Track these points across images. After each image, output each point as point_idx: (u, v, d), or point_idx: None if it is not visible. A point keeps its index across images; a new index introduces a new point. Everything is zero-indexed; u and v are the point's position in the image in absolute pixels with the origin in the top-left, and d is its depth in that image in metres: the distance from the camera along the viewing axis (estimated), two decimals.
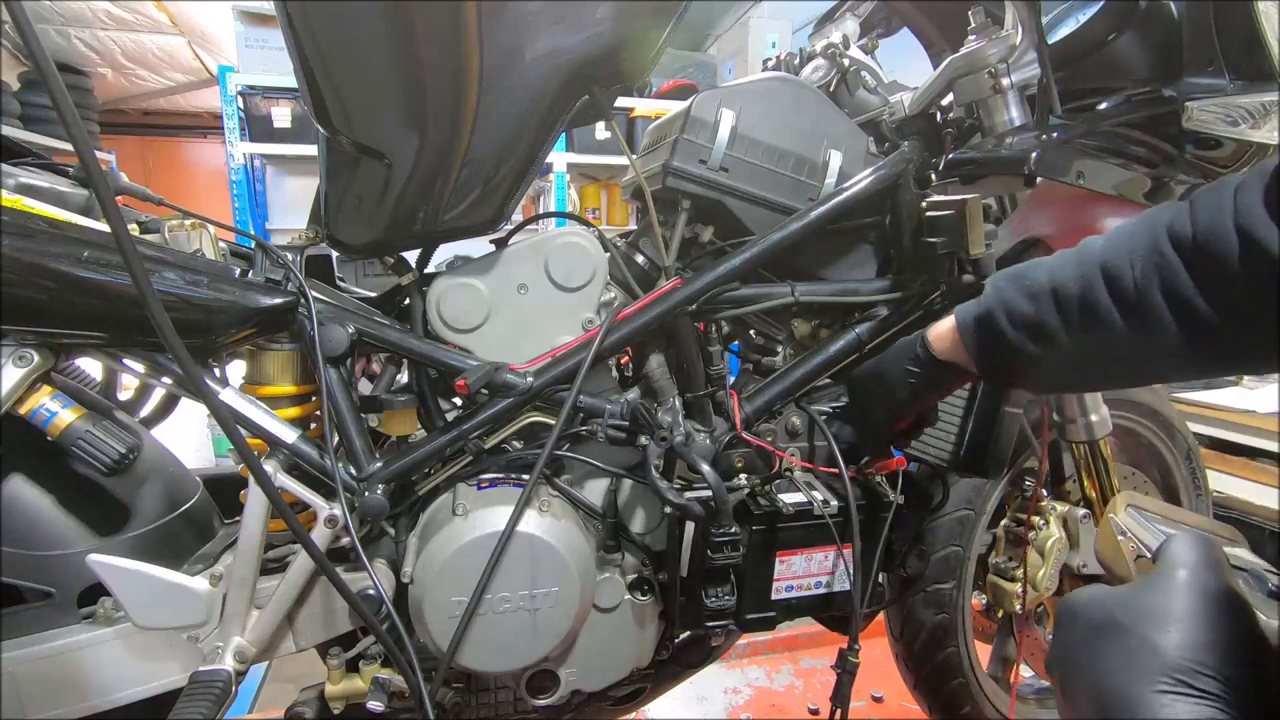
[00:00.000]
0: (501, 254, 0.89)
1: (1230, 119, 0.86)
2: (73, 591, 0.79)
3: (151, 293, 0.58)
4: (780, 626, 0.92)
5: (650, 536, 0.95)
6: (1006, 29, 0.90)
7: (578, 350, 0.86)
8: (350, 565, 0.85)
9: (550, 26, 0.73)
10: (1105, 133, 0.88)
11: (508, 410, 0.85)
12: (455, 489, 0.88)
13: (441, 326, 0.88)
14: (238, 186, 3.25)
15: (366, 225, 0.85)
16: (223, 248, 0.85)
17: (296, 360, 0.86)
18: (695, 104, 0.92)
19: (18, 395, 0.72)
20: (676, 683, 1.05)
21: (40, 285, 0.68)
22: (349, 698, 0.87)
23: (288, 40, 0.72)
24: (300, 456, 0.81)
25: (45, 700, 0.77)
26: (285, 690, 1.56)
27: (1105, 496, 1.09)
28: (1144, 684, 0.44)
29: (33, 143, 3.29)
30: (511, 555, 0.81)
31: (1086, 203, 0.91)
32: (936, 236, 0.93)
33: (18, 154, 0.84)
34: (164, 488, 0.87)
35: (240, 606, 0.80)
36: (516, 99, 0.76)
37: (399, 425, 0.92)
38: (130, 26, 4.21)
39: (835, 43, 1.16)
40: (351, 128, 0.77)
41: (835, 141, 0.95)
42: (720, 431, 0.90)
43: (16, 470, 0.77)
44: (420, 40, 0.71)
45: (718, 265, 0.90)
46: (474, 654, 0.82)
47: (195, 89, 5.53)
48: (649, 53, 0.79)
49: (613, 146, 3.57)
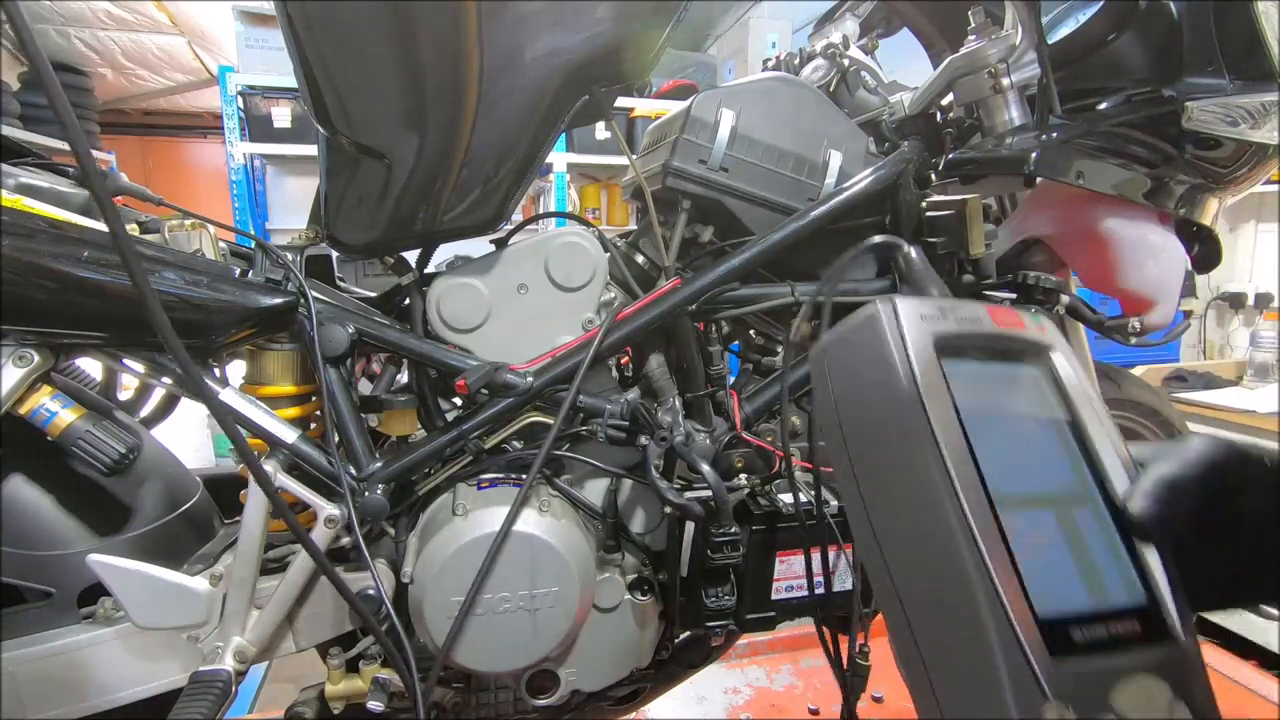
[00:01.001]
0: (501, 254, 0.89)
1: (1230, 119, 0.86)
2: (73, 591, 0.79)
3: (151, 292, 0.58)
4: (780, 626, 0.92)
5: (650, 536, 0.95)
6: (1006, 29, 0.90)
7: (577, 350, 0.86)
8: (350, 565, 0.85)
9: (550, 26, 0.73)
10: (1105, 133, 0.88)
11: (508, 410, 0.85)
12: (455, 489, 0.88)
13: (441, 326, 0.88)
14: (238, 186, 3.25)
15: (366, 225, 0.85)
16: (223, 248, 0.85)
17: (296, 360, 0.86)
18: (695, 104, 0.92)
19: (18, 395, 0.72)
20: (676, 683, 1.05)
21: (40, 285, 0.68)
22: (349, 698, 0.87)
23: (288, 40, 0.72)
24: (300, 456, 0.81)
25: (45, 700, 0.77)
26: (285, 690, 1.56)
27: None
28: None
29: (33, 143, 3.29)
30: (511, 555, 0.81)
31: (1086, 203, 0.91)
32: (936, 236, 0.93)
33: (18, 154, 0.84)
34: (164, 488, 0.87)
35: (240, 606, 0.80)
36: (516, 99, 0.76)
37: (399, 425, 0.92)
38: (130, 26, 4.21)
39: (835, 43, 1.16)
40: (351, 128, 0.77)
41: (835, 141, 0.95)
42: (720, 431, 0.90)
43: (16, 470, 0.78)
44: (420, 40, 0.71)
45: (718, 265, 0.90)
46: (474, 654, 0.82)
47: (195, 89, 5.53)
48: (649, 53, 0.79)
49: (613, 146, 3.58)
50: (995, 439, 0.36)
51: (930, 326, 0.38)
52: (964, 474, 0.34)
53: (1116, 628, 0.34)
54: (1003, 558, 0.33)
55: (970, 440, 0.35)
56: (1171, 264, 0.93)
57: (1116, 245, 0.91)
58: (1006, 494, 0.35)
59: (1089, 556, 0.36)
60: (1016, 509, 0.35)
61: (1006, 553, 0.33)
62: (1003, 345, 0.41)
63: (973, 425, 0.36)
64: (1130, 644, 0.34)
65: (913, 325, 0.37)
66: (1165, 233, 0.93)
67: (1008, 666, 0.31)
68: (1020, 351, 0.41)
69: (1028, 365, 0.41)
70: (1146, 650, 0.34)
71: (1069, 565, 0.35)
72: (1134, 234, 0.91)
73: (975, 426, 0.36)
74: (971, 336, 0.39)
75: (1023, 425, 0.40)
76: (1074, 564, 0.35)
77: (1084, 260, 0.96)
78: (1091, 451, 0.39)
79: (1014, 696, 0.31)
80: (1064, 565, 0.35)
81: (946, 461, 0.34)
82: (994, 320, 0.40)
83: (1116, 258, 0.92)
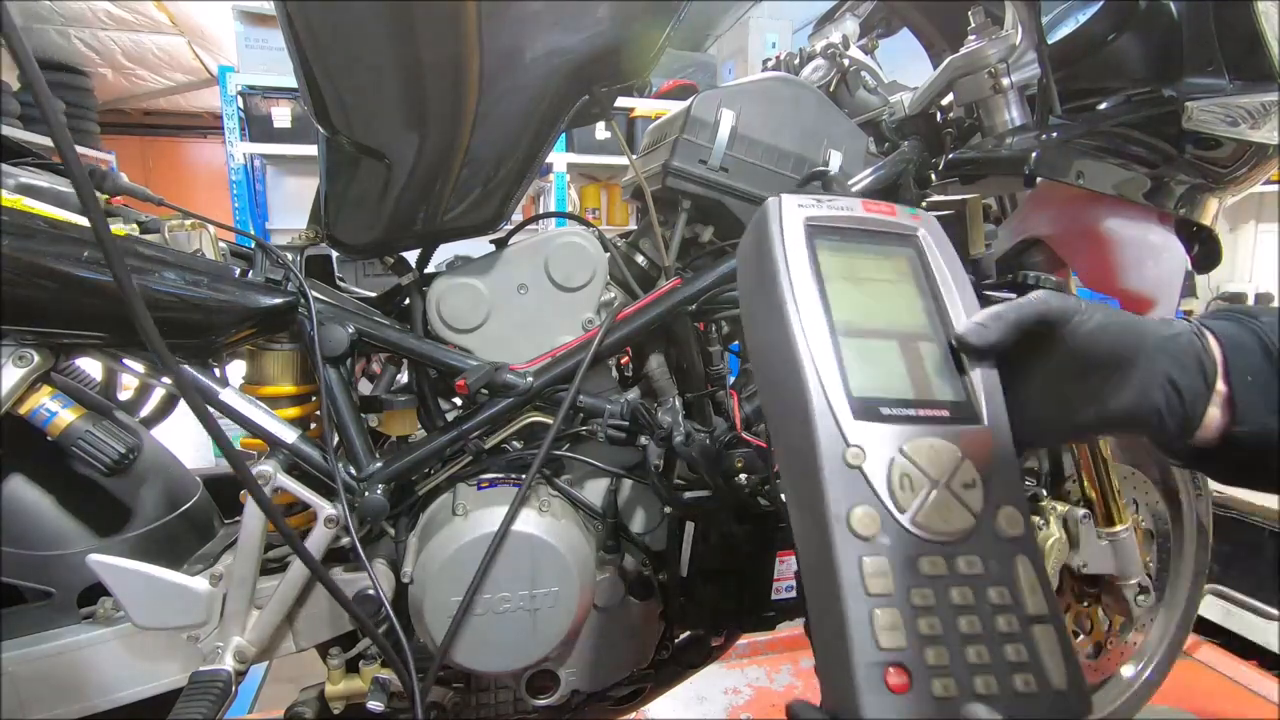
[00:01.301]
0: (501, 254, 0.89)
1: (1230, 119, 0.86)
2: (73, 591, 0.79)
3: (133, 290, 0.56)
4: (780, 626, 0.92)
5: (650, 536, 0.95)
6: (1006, 29, 0.90)
7: (577, 350, 0.86)
8: (351, 565, 0.85)
9: (550, 26, 0.73)
10: (1105, 133, 0.88)
11: (508, 410, 0.85)
12: (455, 489, 0.88)
13: (441, 326, 0.88)
14: (238, 186, 3.25)
15: (366, 225, 0.85)
16: (223, 248, 0.85)
17: (296, 360, 0.86)
18: (695, 104, 0.92)
19: (18, 395, 0.72)
20: (676, 683, 1.05)
21: (40, 285, 0.68)
22: (349, 698, 0.87)
23: (288, 40, 0.72)
24: (300, 456, 0.81)
25: (45, 700, 0.77)
26: (285, 690, 1.56)
27: (1105, 496, 1.09)
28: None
29: (32, 143, 3.29)
30: (511, 555, 0.81)
31: (1086, 203, 0.91)
32: None
33: (18, 154, 0.84)
34: (164, 488, 0.87)
35: (240, 606, 0.80)
36: (516, 99, 0.76)
37: (399, 425, 0.92)
38: (130, 26, 4.21)
39: (835, 43, 1.16)
40: (351, 128, 0.77)
41: (835, 141, 0.95)
42: (720, 431, 0.90)
43: (16, 470, 0.77)
44: (420, 40, 0.71)
45: (718, 265, 0.90)
46: (474, 654, 0.82)
47: (195, 89, 5.53)
48: (649, 53, 0.80)
49: (613, 146, 3.58)
50: (849, 292, 0.47)
51: (805, 212, 0.48)
52: (810, 311, 0.45)
53: (924, 411, 0.44)
54: (830, 359, 0.44)
55: (825, 291, 0.46)
56: (1171, 264, 0.93)
57: (1116, 245, 0.91)
58: (849, 326, 0.45)
59: (922, 371, 0.46)
60: (856, 337, 0.45)
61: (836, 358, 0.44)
62: (873, 228, 0.50)
63: (831, 281, 0.47)
64: (935, 422, 0.44)
65: (791, 211, 0.48)
66: (1165, 233, 0.93)
67: (820, 424, 0.42)
68: (891, 234, 0.50)
69: (897, 244, 0.50)
70: (946, 426, 0.44)
71: (900, 374, 0.45)
72: (1134, 234, 0.91)
73: (833, 283, 0.47)
74: (842, 219, 0.49)
75: (881, 285, 0.49)
76: (906, 374, 0.45)
77: (1084, 260, 0.96)
78: (941, 305, 0.48)
79: (823, 444, 0.41)
80: (893, 373, 0.45)
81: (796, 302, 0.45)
82: (865, 210, 0.50)
83: (1116, 258, 0.92)
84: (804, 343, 0.44)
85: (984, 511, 0.42)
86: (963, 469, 0.42)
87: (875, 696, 0.37)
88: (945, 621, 0.39)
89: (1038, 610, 0.40)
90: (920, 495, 0.41)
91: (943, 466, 0.42)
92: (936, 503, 0.41)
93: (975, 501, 0.42)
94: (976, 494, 0.42)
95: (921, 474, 0.42)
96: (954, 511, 0.42)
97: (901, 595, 0.39)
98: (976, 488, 0.42)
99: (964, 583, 0.40)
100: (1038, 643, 0.39)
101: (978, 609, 0.40)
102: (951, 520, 0.41)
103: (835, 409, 0.42)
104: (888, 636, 0.38)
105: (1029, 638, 0.40)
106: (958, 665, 0.38)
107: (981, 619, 0.40)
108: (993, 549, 0.41)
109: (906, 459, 0.42)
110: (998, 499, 0.43)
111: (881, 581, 0.39)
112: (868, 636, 0.38)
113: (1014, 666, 0.39)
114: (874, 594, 0.39)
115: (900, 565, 0.40)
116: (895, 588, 0.39)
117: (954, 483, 0.42)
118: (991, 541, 0.42)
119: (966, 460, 0.43)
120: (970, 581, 0.40)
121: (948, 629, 0.39)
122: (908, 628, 0.38)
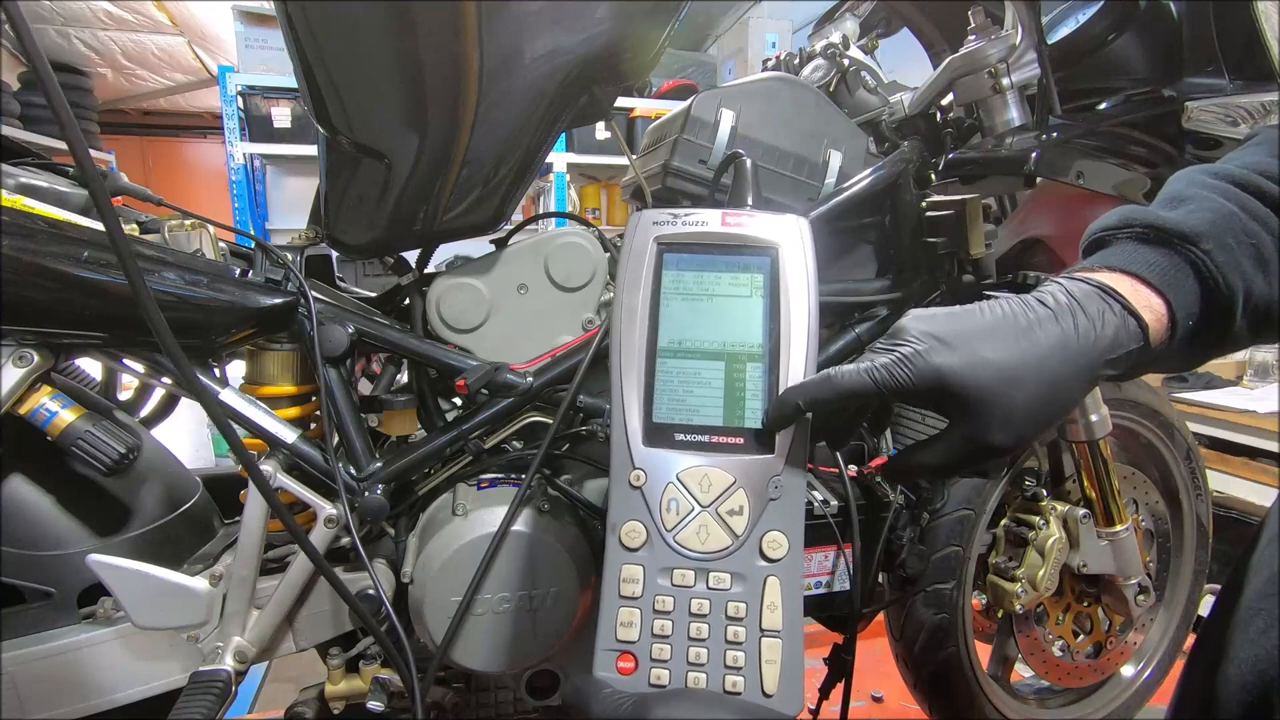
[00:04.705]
0: (501, 254, 0.89)
1: (1230, 119, 0.86)
2: (73, 591, 0.79)
3: (147, 293, 0.57)
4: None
5: None
6: (1006, 29, 0.90)
7: (577, 350, 0.86)
8: (350, 565, 0.85)
9: (550, 26, 0.73)
10: (1105, 133, 0.88)
11: (508, 410, 0.85)
12: (455, 489, 0.88)
13: (441, 326, 0.88)
14: (238, 186, 3.25)
15: (366, 225, 0.85)
16: (223, 248, 0.85)
17: (296, 360, 0.86)
18: (695, 104, 0.92)
19: (18, 395, 0.72)
20: None
21: (40, 285, 0.68)
22: (349, 698, 0.87)
23: (288, 40, 0.72)
24: (300, 456, 0.81)
25: (45, 700, 0.77)
26: (285, 690, 1.56)
27: (1105, 496, 1.09)
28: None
29: (33, 143, 3.29)
30: (511, 555, 0.81)
31: (1086, 203, 0.91)
32: (936, 236, 0.93)
33: (18, 154, 0.84)
34: (164, 488, 0.87)
35: (240, 606, 0.80)
36: (516, 99, 0.76)
37: (399, 425, 0.92)
38: (130, 26, 4.21)
39: (835, 43, 1.16)
40: (351, 128, 0.77)
41: (835, 141, 0.95)
42: None
43: (16, 470, 0.77)
44: (420, 40, 0.71)
45: None
46: (473, 654, 0.82)
47: (195, 89, 5.54)
48: (649, 53, 0.79)
49: (613, 146, 3.58)
50: (684, 312, 0.51)
51: (657, 230, 0.51)
52: (634, 333, 0.50)
53: (719, 438, 0.49)
54: (638, 385, 0.50)
55: (658, 312, 0.50)
56: None
57: None
58: (675, 348, 0.50)
59: (738, 394, 0.49)
60: (680, 358, 0.50)
61: (645, 384, 0.50)
62: (728, 243, 0.51)
63: (669, 301, 0.51)
64: (724, 450, 0.49)
65: (644, 229, 0.51)
66: None
67: (616, 445, 0.50)
68: (746, 248, 0.51)
69: (752, 258, 0.51)
70: (732, 456, 0.49)
71: (712, 398, 0.50)
72: None
73: (670, 302, 0.51)
74: (693, 235, 0.52)
75: (722, 302, 0.51)
76: (721, 398, 0.49)
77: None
78: (780, 324, 0.50)
79: (616, 464, 0.50)
80: (705, 398, 0.50)
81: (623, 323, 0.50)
82: (723, 224, 0.51)
83: None
84: (618, 367, 0.50)
85: (746, 534, 0.48)
86: (733, 496, 0.48)
87: (606, 674, 0.46)
88: (678, 624, 0.46)
89: (771, 625, 0.46)
90: (684, 517, 0.48)
91: (712, 493, 0.48)
92: (699, 524, 0.48)
93: (740, 525, 0.48)
94: (742, 519, 0.48)
95: (690, 498, 0.48)
96: (713, 533, 0.48)
97: (647, 599, 0.47)
98: (744, 513, 0.48)
99: (706, 595, 0.47)
100: (761, 653, 0.46)
101: (710, 617, 0.46)
102: (709, 541, 0.48)
103: (630, 433, 0.49)
104: (624, 630, 0.47)
105: (753, 648, 0.46)
106: (678, 661, 0.46)
107: (712, 626, 0.46)
108: (746, 568, 0.47)
109: (679, 485, 0.48)
110: (767, 524, 0.48)
111: (632, 586, 0.47)
112: (612, 627, 0.47)
113: (730, 669, 0.46)
114: (624, 595, 0.47)
115: (653, 573, 0.47)
116: (644, 592, 0.47)
117: (722, 508, 0.48)
118: (747, 561, 0.47)
119: (740, 489, 0.48)
120: (711, 595, 0.47)
121: (678, 631, 0.46)
122: (644, 625, 0.47)
